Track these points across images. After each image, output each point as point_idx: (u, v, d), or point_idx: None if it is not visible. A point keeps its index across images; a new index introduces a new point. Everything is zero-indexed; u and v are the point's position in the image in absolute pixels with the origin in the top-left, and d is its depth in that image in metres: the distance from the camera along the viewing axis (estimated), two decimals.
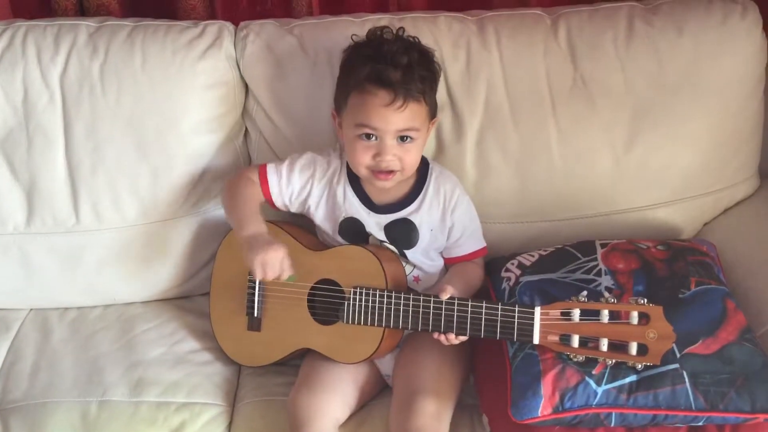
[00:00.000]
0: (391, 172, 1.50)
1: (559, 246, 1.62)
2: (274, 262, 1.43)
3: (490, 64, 1.69)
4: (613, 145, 1.69)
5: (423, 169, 1.60)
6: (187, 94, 1.69)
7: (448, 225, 1.59)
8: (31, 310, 1.82)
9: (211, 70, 1.69)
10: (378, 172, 1.50)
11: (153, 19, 1.75)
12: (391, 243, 1.57)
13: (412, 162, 1.51)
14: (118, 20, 1.75)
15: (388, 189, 1.56)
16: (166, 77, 1.67)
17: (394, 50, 1.47)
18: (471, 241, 1.63)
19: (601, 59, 1.69)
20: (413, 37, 1.56)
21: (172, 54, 1.68)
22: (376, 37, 1.53)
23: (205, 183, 1.75)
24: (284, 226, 1.61)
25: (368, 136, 1.47)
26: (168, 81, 1.67)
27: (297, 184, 1.60)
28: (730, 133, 1.73)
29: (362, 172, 1.52)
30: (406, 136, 1.47)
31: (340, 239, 1.59)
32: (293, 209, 1.63)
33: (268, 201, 1.61)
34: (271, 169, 1.61)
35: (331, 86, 1.68)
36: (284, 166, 1.60)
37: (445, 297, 1.42)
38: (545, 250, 1.62)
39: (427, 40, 1.64)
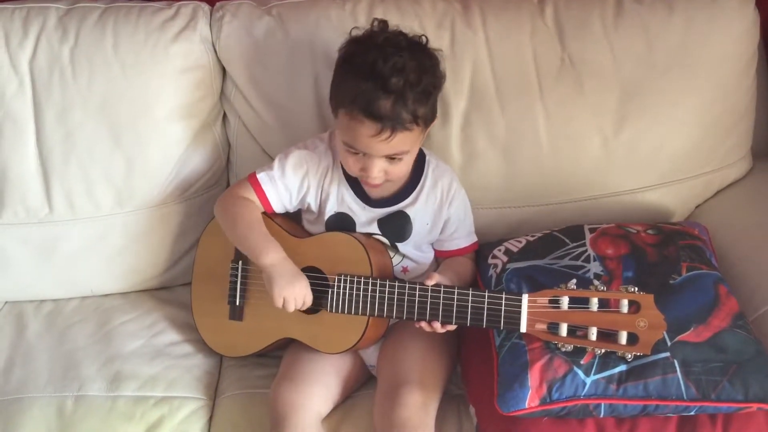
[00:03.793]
0: None
1: (547, 231, 1.59)
2: (298, 298, 1.43)
3: (475, 45, 1.65)
4: (602, 127, 1.66)
5: (420, 160, 1.55)
6: (161, 79, 1.64)
7: (443, 218, 1.55)
8: (6, 303, 1.78)
9: (186, 53, 1.65)
10: (366, 180, 1.46)
11: (125, 1, 1.70)
12: (383, 235, 1.54)
13: (400, 174, 1.47)
14: (89, 2, 1.69)
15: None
16: (138, 61, 1.63)
17: (388, 72, 1.33)
18: (465, 235, 1.60)
19: (589, 39, 1.65)
20: (419, 37, 1.43)
21: (144, 37, 1.63)
22: (372, 43, 1.39)
23: (184, 170, 1.71)
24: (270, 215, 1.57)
25: (355, 152, 1.42)
26: (140, 65, 1.63)
27: (294, 186, 1.54)
28: (721, 113, 1.69)
29: (353, 175, 1.49)
30: (394, 157, 1.42)
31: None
32: (292, 209, 1.58)
33: (267, 210, 1.54)
34: (263, 177, 1.53)
35: (311, 68, 1.65)
36: (275, 171, 1.53)
37: (431, 284, 1.39)
38: (533, 236, 1.58)
39: (410, 21, 1.60)
